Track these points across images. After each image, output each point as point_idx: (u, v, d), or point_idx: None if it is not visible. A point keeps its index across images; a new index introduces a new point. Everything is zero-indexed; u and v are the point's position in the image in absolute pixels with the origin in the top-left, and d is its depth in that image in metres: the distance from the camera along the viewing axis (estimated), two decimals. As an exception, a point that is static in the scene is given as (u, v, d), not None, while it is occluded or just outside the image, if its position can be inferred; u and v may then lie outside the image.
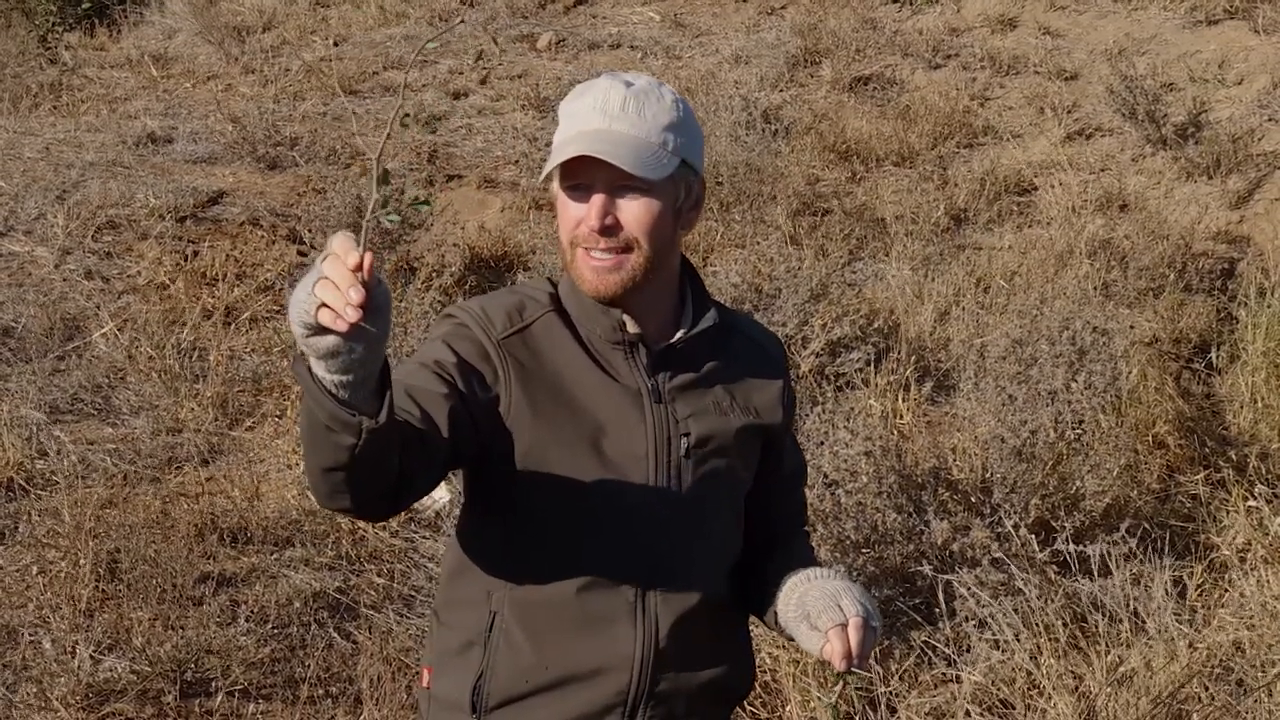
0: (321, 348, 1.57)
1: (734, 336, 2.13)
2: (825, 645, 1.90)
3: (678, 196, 1.98)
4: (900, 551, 4.19)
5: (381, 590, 4.48)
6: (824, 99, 9.38)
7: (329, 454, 1.68)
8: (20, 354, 5.82)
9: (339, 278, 1.51)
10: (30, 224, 6.99)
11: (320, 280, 1.53)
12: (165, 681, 3.87)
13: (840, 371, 5.68)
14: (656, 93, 1.96)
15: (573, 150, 1.88)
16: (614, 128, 1.91)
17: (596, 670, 1.96)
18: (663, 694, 1.99)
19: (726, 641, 2.11)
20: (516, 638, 1.96)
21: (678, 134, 1.95)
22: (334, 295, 1.51)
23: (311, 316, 1.53)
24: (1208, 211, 7.48)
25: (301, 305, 1.55)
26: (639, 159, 1.89)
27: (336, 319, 1.51)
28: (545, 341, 2.00)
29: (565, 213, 1.95)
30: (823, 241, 7.27)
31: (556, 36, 10.83)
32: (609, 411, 1.98)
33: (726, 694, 2.12)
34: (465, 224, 7.61)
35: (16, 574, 4.36)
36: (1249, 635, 4.04)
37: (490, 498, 2.02)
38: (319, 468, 1.73)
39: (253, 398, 5.72)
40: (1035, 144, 8.63)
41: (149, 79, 10.46)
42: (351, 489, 1.74)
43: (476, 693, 1.99)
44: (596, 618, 1.95)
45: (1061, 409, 4.74)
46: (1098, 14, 10.02)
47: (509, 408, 1.95)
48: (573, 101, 1.98)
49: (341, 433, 1.63)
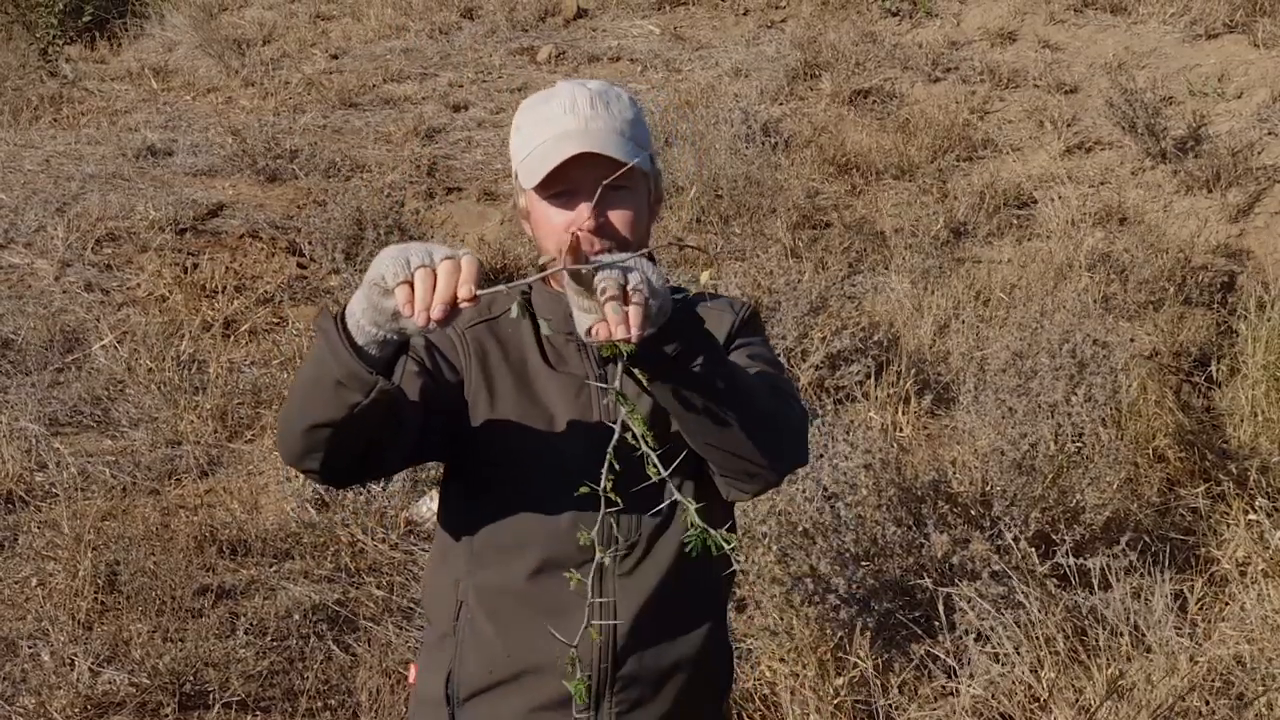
0: (381, 304, 1.65)
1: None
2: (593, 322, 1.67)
3: (649, 189, 2.02)
4: (900, 564, 4.19)
5: (380, 602, 4.47)
6: (824, 112, 9.40)
7: (326, 410, 1.74)
8: (20, 366, 5.82)
9: (443, 287, 1.60)
10: (30, 236, 7.00)
11: (426, 269, 1.61)
12: (164, 693, 3.86)
13: (840, 384, 5.68)
14: (614, 91, 1.99)
15: (571, 149, 1.89)
16: (591, 126, 1.92)
17: (557, 660, 1.95)
18: (627, 678, 2.00)
19: (693, 624, 2.08)
20: (482, 627, 2.00)
21: (639, 128, 1.99)
22: (424, 294, 1.60)
23: (394, 283, 1.62)
24: (1207, 225, 7.49)
25: (392, 267, 1.62)
26: (625, 151, 1.91)
27: (408, 305, 1.60)
28: (512, 333, 2.06)
29: (550, 222, 1.95)
30: (822, 254, 7.27)
31: (556, 49, 10.85)
32: (558, 400, 2.01)
33: (703, 681, 2.09)
34: (465, 236, 7.62)
35: (16, 586, 4.35)
36: (1249, 649, 4.03)
37: (452, 482, 2.09)
38: (307, 424, 1.78)
39: (252, 410, 5.72)
40: (1035, 157, 8.64)
41: (149, 91, 10.48)
42: (329, 449, 1.80)
43: (450, 685, 2.03)
44: (553, 606, 1.96)
45: (1061, 422, 4.75)
46: (1097, 28, 10.04)
47: (471, 391, 2.01)
48: (535, 109, 1.99)
49: (352, 389, 1.70)
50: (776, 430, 1.92)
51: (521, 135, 1.99)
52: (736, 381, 1.84)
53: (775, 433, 1.92)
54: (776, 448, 1.92)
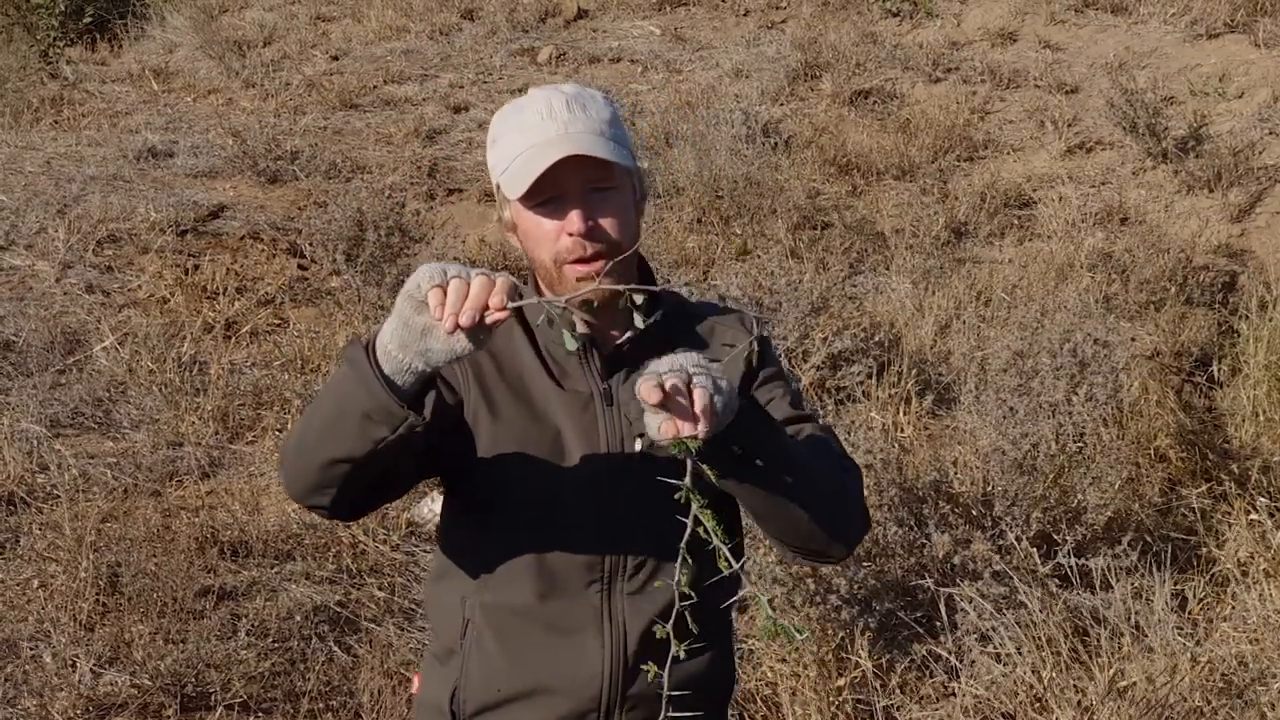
0: (415, 321, 1.64)
1: (691, 324, 2.09)
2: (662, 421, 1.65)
3: (634, 188, 2.00)
4: (902, 565, 4.19)
5: (382, 604, 4.47)
6: (824, 112, 9.40)
7: (348, 445, 1.72)
8: (21, 368, 5.81)
9: (475, 295, 1.60)
10: (31, 238, 7.00)
11: (458, 279, 1.61)
12: (166, 695, 3.86)
13: (841, 385, 5.68)
14: (588, 93, 1.97)
15: (554, 154, 1.86)
16: (570, 129, 1.90)
17: (567, 680, 1.96)
18: (637, 697, 1.98)
19: (703, 637, 2.07)
20: (489, 646, 1.98)
21: (617, 127, 1.96)
22: (456, 299, 1.60)
23: (429, 286, 1.61)
24: (1208, 225, 7.49)
25: (427, 274, 1.62)
26: (608, 151, 1.90)
27: (440, 307, 1.60)
28: (505, 347, 2.01)
29: (540, 230, 1.93)
30: (823, 255, 7.27)
31: (557, 50, 10.86)
32: (563, 417, 1.97)
33: (708, 694, 2.08)
34: (466, 238, 7.62)
35: (17, 587, 4.35)
36: (1251, 649, 4.03)
37: (456, 500, 2.05)
38: (324, 459, 1.75)
39: (253, 411, 5.72)
40: (1035, 157, 8.65)
41: (150, 93, 10.48)
42: (342, 485, 1.78)
43: (454, 700, 2.00)
44: (563, 627, 1.95)
45: (1063, 421, 4.74)
46: (1098, 28, 10.05)
47: (471, 411, 1.97)
48: (510, 119, 1.96)
49: (379, 423, 1.68)
50: (845, 512, 1.97)
51: (499, 148, 1.96)
52: (801, 469, 1.87)
53: (843, 515, 1.97)
54: (845, 528, 1.98)
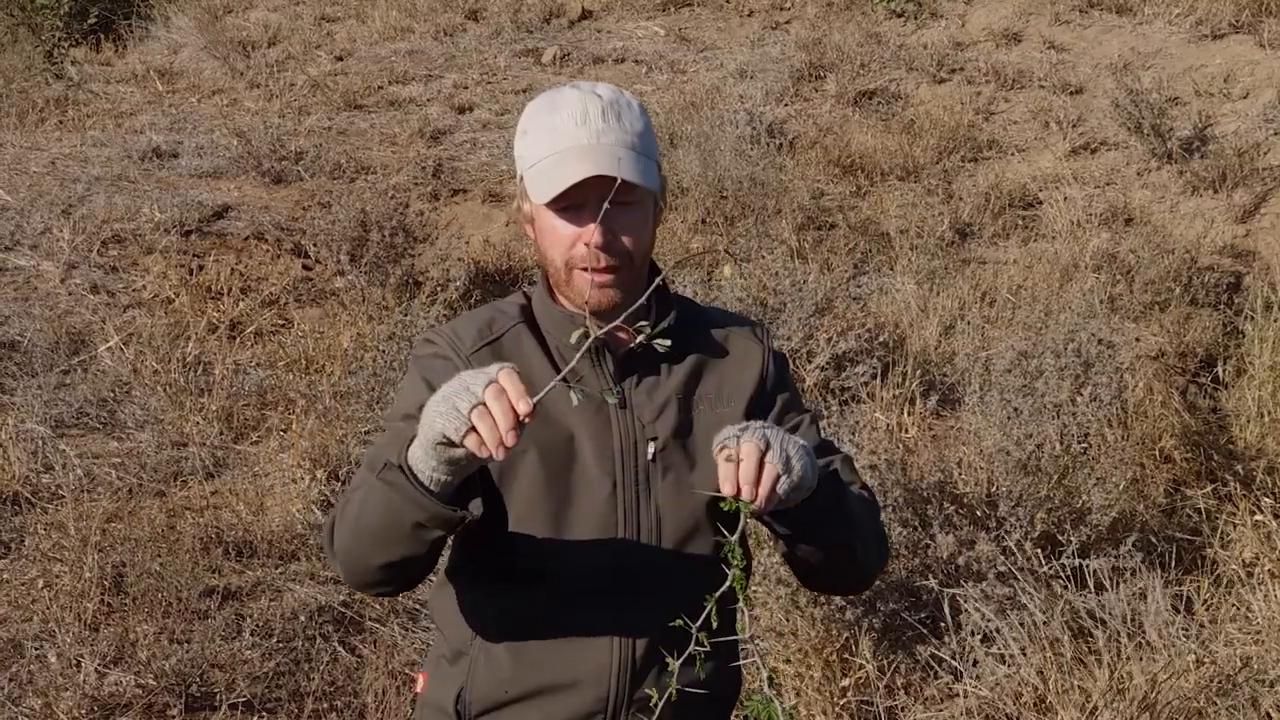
0: (451, 456, 1.67)
1: (703, 330, 2.09)
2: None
3: (655, 202, 1.99)
4: (906, 565, 4.18)
5: (386, 604, 4.47)
6: (828, 113, 9.40)
7: (404, 548, 1.79)
8: (26, 368, 5.82)
9: (501, 416, 1.60)
10: (36, 238, 7.00)
11: (479, 408, 1.62)
12: (170, 695, 3.87)
13: (845, 385, 5.68)
14: (624, 100, 1.95)
15: (585, 171, 1.86)
16: (603, 140, 1.89)
17: (575, 681, 1.95)
18: (642, 700, 1.97)
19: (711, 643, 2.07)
20: (496, 650, 1.98)
21: (648, 139, 1.96)
22: (490, 430, 1.61)
23: (459, 437, 1.62)
24: (1213, 225, 7.48)
25: (449, 422, 1.63)
26: (637, 170, 1.89)
27: (482, 447, 1.61)
28: (515, 353, 2.00)
29: (556, 233, 1.94)
30: (828, 255, 7.27)
31: (561, 51, 10.85)
32: (577, 421, 1.97)
33: (714, 699, 2.06)
34: (470, 238, 7.62)
35: (22, 587, 4.36)
36: (1256, 650, 4.02)
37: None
38: (387, 561, 1.83)
39: (258, 411, 5.72)
40: (1040, 158, 8.64)
41: (154, 94, 10.49)
42: (407, 575, 1.88)
43: (460, 701, 2.00)
44: (575, 632, 1.95)
45: (1067, 422, 4.74)
46: (1102, 28, 10.03)
47: None
48: (544, 115, 1.95)
49: (435, 529, 1.74)
50: (877, 555, 2.09)
51: (528, 140, 1.96)
52: (854, 530, 1.97)
53: (876, 559, 2.10)
54: (876, 570, 2.13)
